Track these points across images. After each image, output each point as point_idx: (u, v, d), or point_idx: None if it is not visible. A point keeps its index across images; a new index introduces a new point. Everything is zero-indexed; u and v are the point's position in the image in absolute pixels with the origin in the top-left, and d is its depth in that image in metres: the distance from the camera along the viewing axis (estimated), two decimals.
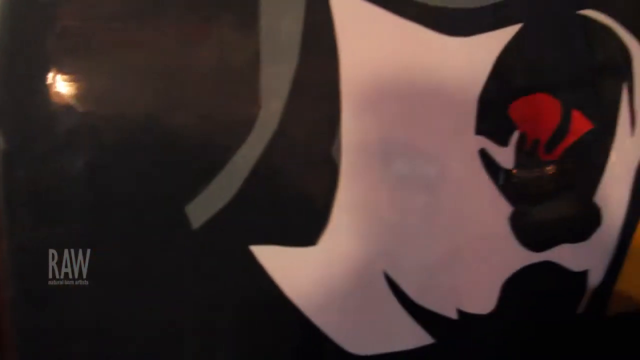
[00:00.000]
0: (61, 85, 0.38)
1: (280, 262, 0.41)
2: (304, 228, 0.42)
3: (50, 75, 0.38)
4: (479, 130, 0.43)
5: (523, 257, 0.45)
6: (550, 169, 0.45)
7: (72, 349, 0.41)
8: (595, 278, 0.47)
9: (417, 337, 0.44)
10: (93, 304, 0.40)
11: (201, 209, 0.39)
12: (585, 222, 0.46)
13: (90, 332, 0.40)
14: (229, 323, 0.42)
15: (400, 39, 0.42)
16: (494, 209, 0.44)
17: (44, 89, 0.38)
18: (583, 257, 0.46)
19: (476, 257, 0.45)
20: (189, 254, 0.40)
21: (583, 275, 0.47)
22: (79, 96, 0.38)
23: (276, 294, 0.41)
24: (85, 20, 0.39)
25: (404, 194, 0.43)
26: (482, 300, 0.45)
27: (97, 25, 0.39)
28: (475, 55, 0.43)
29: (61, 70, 0.38)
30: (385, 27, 0.41)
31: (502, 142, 0.44)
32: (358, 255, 0.43)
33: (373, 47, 0.41)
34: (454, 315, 0.45)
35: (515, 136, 0.44)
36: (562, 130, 0.45)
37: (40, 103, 0.38)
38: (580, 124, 0.45)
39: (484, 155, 0.43)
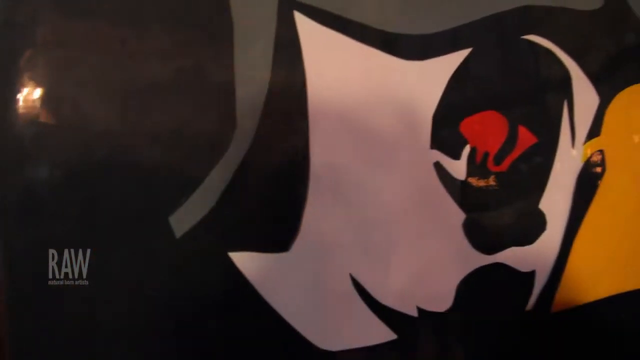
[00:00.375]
0: (47, 102, 0.41)
1: (256, 267, 0.43)
2: (277, 236, 0.44)
3: (30, 91, 0.40)
4: (434, 145, 0.45)
5: (476, 259, 0.47)
6: (499, 179, 0.47)
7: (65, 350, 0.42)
8: (541, 278, 0.48)
9: (381, 333, 0.46)
10: (85, 306, 0.42)
11: (183, 220, 0.42)
12: (531, 227, 0.48)
13: (83, 331, 0.42)
14: (211, 322, 0.44)
15: (362, 63, 0.44)
16: (449, 216, 0.46)
17: (19, 103, 0.40)
18: (530, 259, 0.48)
19: (434, 260, 0.47)
20: (174, 261, 0.42)
21: (530, 275, 0.48)
22: (64, 114, 0.41)
23: (253, 295, 0.44)
24: (62, 41, 0.41)
25: (366, 204, 0.45)
26: (440, 299, 0.47)
27: (79, 48, 0.41)
28: (430, 77, 0.45)
29: (44, 87, 0.41)
30: (348, 53, 0.44)
31: (455, 155, 0.46)
32: (326, 260, 0.45)
33: (337, 71, 0.44)
34: (414, 313, 0.46)
35: (466, 150, 0.46)
36: (509, 144, 0.47)
37: (15, 116, 0.40)
38: (526, 138, 0.47)
39: (439, 167, 0.46)
